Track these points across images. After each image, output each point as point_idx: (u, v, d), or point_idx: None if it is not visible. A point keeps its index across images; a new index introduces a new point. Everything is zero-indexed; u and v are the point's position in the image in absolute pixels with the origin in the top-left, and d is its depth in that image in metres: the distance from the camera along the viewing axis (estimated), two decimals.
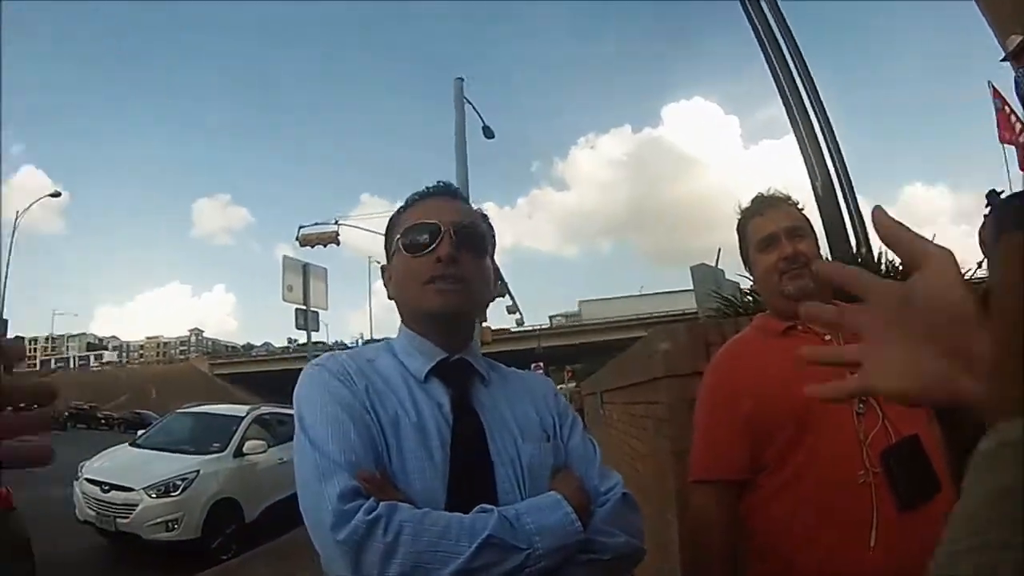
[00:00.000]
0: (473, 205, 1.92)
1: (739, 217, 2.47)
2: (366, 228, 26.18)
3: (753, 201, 2.45)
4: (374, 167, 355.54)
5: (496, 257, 1.89)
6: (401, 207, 1.85)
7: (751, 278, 2.60)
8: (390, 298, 1.81)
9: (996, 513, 0.55)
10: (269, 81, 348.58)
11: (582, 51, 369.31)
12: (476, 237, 1.76)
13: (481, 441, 1.63)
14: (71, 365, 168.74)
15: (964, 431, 0.72)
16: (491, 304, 2.12)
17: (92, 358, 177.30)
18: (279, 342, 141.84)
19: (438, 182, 1.88)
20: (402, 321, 1.80)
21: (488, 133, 20.74)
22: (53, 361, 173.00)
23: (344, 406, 1.55)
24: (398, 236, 1.75)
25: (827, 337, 2.17)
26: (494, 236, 1.90)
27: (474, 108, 18.87)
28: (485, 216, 1.90)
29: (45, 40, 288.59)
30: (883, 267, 5.43)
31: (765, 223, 2.35)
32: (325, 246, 26.11)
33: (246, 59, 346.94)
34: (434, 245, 1.67)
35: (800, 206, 2.41)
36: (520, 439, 1.68)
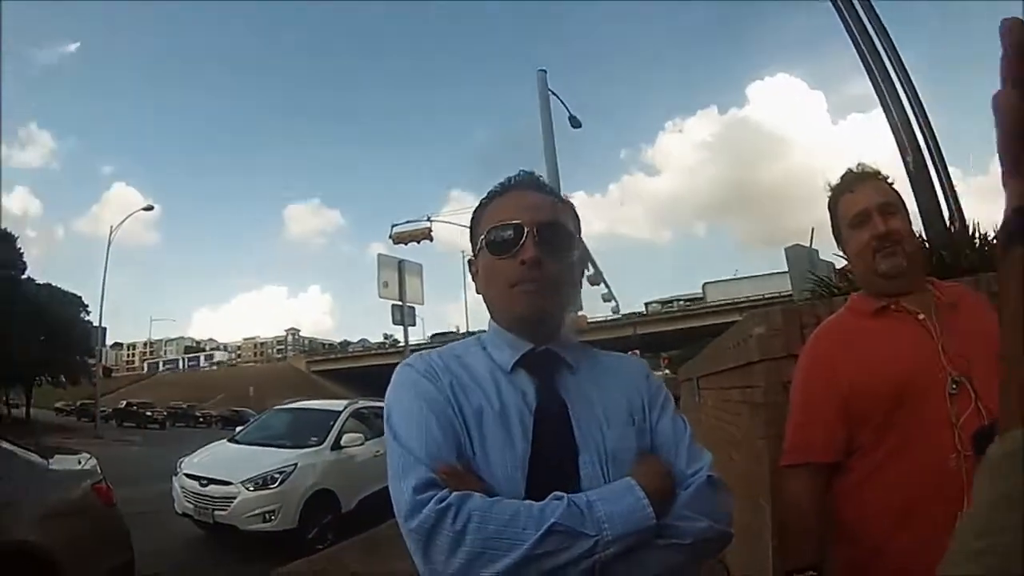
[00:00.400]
0: (559, 192, 1.87)
1: (829, 194, 2.43)
2: (458, 223, 26.39)
3: (843, 177, 2.41)
4: (462, 162, 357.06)
5: (590, 245, 1.87)
6: (484, 199, 1.83)
7: (844, 256, 2.55)
8: (477, 292, 1.82)
9: (1002, 519, 0.57)
10: (354, 85, 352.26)
11: (661, 34, 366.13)
12: (560, 235, 1.72)
13: (565, 428, 1.62)
14: (180, 366, 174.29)
15: None
16: (586, 292, 2.09)
17: (203, 358, 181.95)
18: (375, 338, 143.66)
19: (520, 171, 1.84)
20: (491, 316, 1.81)
21: (574, 123, 20.73)
22: (161, 364, 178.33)
23: (428, 401, 1.59)
24: (482, 235, 1.75)
25: (920, 316, 2.16)
26: (579, 224, 1.86)
27: (559, 99, 18.85)
28: (570, 205, 1.86)
29: (126, 59, 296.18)
30: (977, 242, 5.27)
31: (856, 200, 2.31)
32: (419, 242, 26.42)
33: (329, 66, 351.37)
34: (517, 248, 1.66)
35: (890, 181, 2.36)
36: (606, 424, 1.66)
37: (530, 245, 1.65)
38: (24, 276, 47.80)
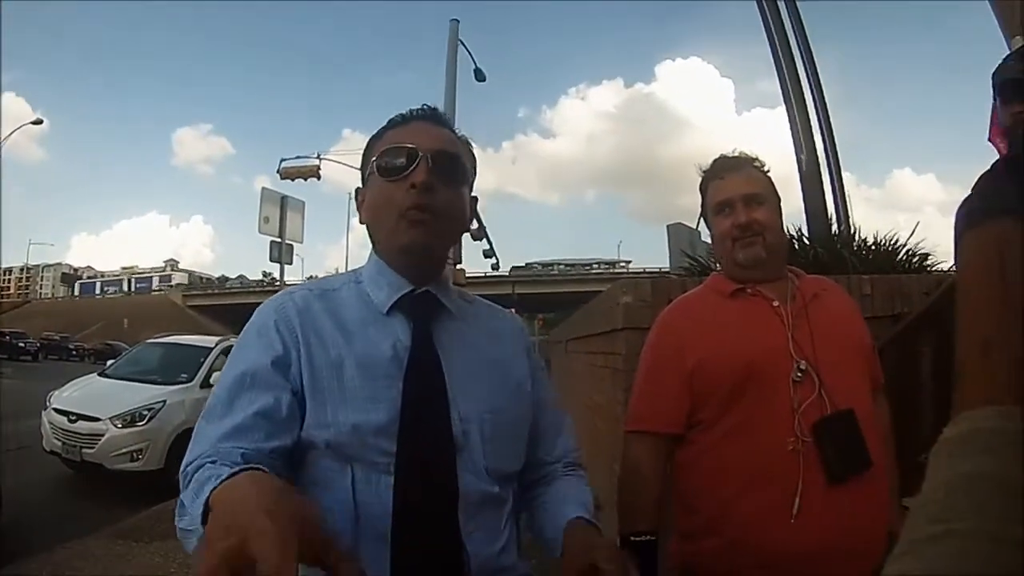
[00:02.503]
0: (459, 131, 1.79)
1: (701, 178, 2.46)
2: (347, 163, 26.00)
3: (714, 163, 2.43)
4: (357, 103, 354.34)
5: (477, 200, 1.84)
6: (382, 128, 1.74)
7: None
8: (361, 222, 1.74)
9: (960, 500, 0.56)
10: (255, 12, 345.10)
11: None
12: (455, 165, 1.66)
13: (438, 377, 1.57)
14: (124, 288, 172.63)
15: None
16: (467, 247, 2.05)
17: (153, 282, 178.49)
18: (254, 275, 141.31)
19: (424, 105, 1.75)
20: (373, 248, 1.73)
21: (480, 76, 20.70)
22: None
23: (260, 363, 1.51)
24: (374, 158, 1.66)
25: (775, 303, 2.21)
26: (475, 167, 1.81)
27: (467, 50, 18.78)
28: (469, 145, 1.79)
29: None
30: (856, 245, 5.46)
31: (723, 187, 2.34)
32: (306, 180, 25.85)
33: None
34: (410, 170, 1.58)
35: (765, 168, 2.39)
36: (484, 377, 1.65)
37: (423, 169, 1.58)
38: None
